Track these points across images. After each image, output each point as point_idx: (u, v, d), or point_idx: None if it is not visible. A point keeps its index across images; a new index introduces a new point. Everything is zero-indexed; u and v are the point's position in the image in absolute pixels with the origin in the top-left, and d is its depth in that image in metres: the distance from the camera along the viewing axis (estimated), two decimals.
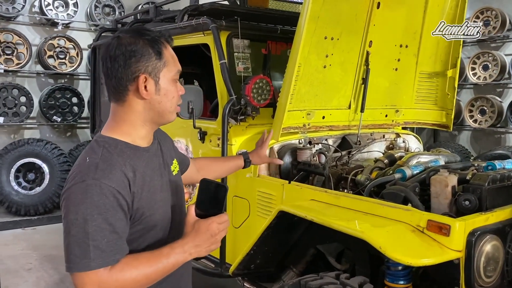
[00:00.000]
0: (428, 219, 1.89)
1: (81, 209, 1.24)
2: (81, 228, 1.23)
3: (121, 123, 1.40)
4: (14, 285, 4.15)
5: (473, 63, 7.11)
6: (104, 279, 1.24)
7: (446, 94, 3.30)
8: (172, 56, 1.41)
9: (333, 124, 3.00)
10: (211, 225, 1.32)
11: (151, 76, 1.36)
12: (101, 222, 1.24)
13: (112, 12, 6.95)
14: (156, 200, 1.40)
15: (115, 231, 1.26)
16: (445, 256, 1.79)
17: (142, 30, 1.40)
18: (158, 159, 1.47)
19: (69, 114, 6.59)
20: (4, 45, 6.09)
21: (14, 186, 6.01)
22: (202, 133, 3.07)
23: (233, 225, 2.91)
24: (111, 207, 1.26)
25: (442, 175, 2.16)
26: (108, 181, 1.26)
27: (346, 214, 2.16)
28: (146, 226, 1.37)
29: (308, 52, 2.63)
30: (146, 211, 1.35)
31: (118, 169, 1.30)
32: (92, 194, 1.24)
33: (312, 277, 2.04)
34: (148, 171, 1.39)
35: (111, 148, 1.34)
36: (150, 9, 3.81)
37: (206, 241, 1.33)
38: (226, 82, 2.84)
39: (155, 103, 1.38)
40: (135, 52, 1.34)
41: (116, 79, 1.36)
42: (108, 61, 1.36)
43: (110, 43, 1.37)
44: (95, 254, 1.22)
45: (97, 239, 1.23)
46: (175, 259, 1.30)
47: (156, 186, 1.41)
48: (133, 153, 1.37)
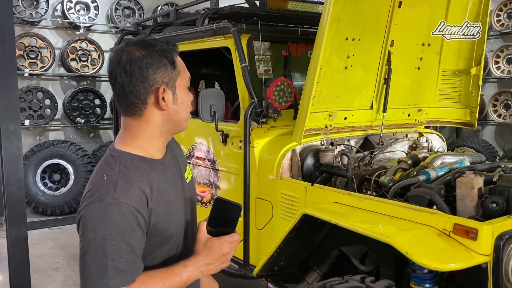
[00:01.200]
0: (454, 223, 1.88)
1: (100, 229, 1.23)
2: (100, 248, 1.23)
3: (137, 137, 1.37)
4: (44, 285, 4.27)
5: (496, 57, 6.95)
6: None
7: (470, 92, 3.25)
8: (182, 64, 1.40)
9: (355, 125, 2.99)
10: (223, 245, 1.34)
11: (168, 87, 1.34)
12: (120, 242, 1.24)
13: (132, 14, 7.03)
14: (172, 213, 1.40)
15: (133, 251, 1.27)
16: (472, 261, 1.78)
17: (149, 41, 1.37)
18: (172, 169, 1.46)
19: (92, 115, 6.71)
20: (28, 49, 6.23)
21: (40, 186, 6.17)
22: (224, 135, 3.09)
23: (256, 226, 2.94)
24: (130, 227, 1.26)
25: (468, 177, 2.14)
26: (127, 200, 1.26)
27: (371, 217, 2.15)
28: (162, 239, 1.38)
29: (330, 54, 2.62)
30: (162, 226, 1.36)
31: (136, 186, 1.29)
32: (112, 213, 1.24)
33: (337, 280, 2.04)
34: (164, 185, 1.39)
35: (127, 163, 1.32)
36: (171, 12, 3.85)
37: (218, 259, 1.34)
38: (248, 85, 2.86)
39: (173, 113, 1.37)
40: (151, 64, 1.32)
41: (133, 94, 1.33)
42: (123, 76, 1.32)
43: (121, 58, 1.33)
44: (113, 274, 1.23)
45: (116, 259, 1.23)
46: (187, 277, 1.32)
47: (171, 199, 1.41)
48: (150, 167, 1.36)
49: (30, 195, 6.08)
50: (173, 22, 3.80)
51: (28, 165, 6.09)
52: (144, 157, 1.37)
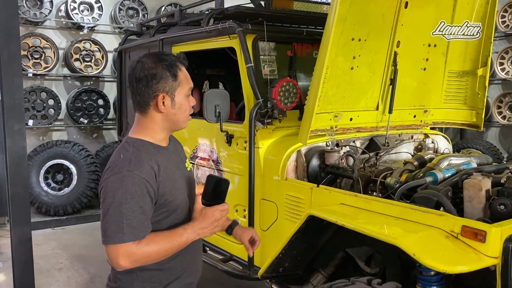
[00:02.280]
0: (462, 225, 1.86)
1: (118, 194, 1.54)
2: (117, 209, 1.53)
3: (145, 128, 1.71)
4: (47, 285, 4.26)
5: (501, 58, 6.92)
6: (133, 250, 1.54)
7: (476, 93, 3.23)
8: (185, 76, 1.71)
9: (361, 126, 2.97)
10: (215, 212, 1.68)
11: (168, 94, 1.66)
12: (134, 205, 1.54)
13: (135, 14, 7.03)
14: (177, 188, 1.71)
15: (144, 213, 1.57)
16: (481, 263, 1.76)
17: (161, 56, 1.69)
18: (175, 156, 1.79)
19: (95, 116, 6.71)
20: (32, 49, 6.23)
21: (43, 187, 6.16)
22: (228, 136, 3.08)
23: (261, 228, 2.92)
24: (141, 193, 1.56)
25: (476, 179, 2.12)
26: (139, 172, 1.57)
27: (377, 219, 2.14)
28: (170, 209, 1.68)
29: (335, 54, 2.61)
30: (169, 197, 1.66)
31: (146, 163, 1.60)
32: (127, 182, 1.55)
33: (343, 282, 2.03)
34: (169, 165, 1.70)
35: (139, 146, 1.65)
36: (175, 13, 3.84)
37: (211, 224, 1.68)
38: (253, 86, 2.85)
39: (171, 115, 1.69)
40: (156, 76, 1.64)
41: (140, 96, 1.66)
42: (134, 82, 1.66)
43: (136, 66, 1.67)
44: (128, 230, 1.53)
45: (130, 218, 1.53)
46: (186, 237, 1.64)
47: (176, 177, 1.72)
48: (157, 150, 1.68)
49: (33, 195, 6.07)
50: (177, 22, 3.79)
51: (32, 165, 6.08)
52: (152, 143, 1.70)
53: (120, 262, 1.53)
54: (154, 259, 1.61)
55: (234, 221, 2.09)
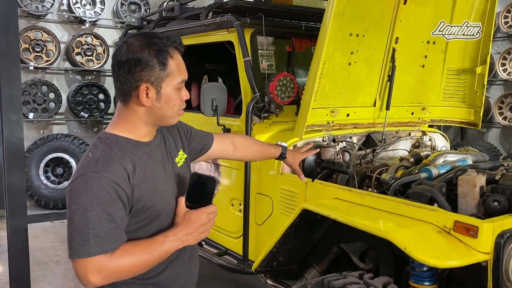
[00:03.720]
0: (455, 220, 1.86)
1: (82, 200, 1.32)
2: (82, 217, 1.31)
3: (125, 121, 1.48)
4: (43, 277, 4.28)
5: (503, 59, 6.90)
6: (104, 264, 1.32)
7: (475, 92, 3.22)
8: (178, 65, 1.45)
9: (358, 122, 2.97)
10: (201, 215, 1.44)
11: (153, 86, 1.41)
12: (100, 211, 1.32)
13: (138, 9, 7.03)
14: (159, 190, 1.47)
15: (113, 221, 1.34)
16: (472, 258, 1.76)
17: (151, 38, 1.43)
18: (160, 152, 1.54)
19: (96, 110, 6.71)
20: (34, 42, 6.24)
21: (43, 180, 6.19)
22: (225, 130, 3.08)
23: (256, 222, 2.92)
24: (110, 198, 1.34)
25: (470, 175, 2.12)
26: (107, 174, 1.34)
27: (371, 214, 2.14)
28: (150, 215, 1.45)
29: (333, 49, 2.61)
30: (147, 202, 1.43)
31: (117, 163, 1.38)
32: (92, 186, 1.32)
33: (335, 276, 2.03)
34: (149, 164, 1.47)
35: (112, 143, 1.42)
36: (175, 7, 3.84)
37: (197, 230, 1.45)
38: (250, 80, 2.85)
39: (156, 110, 1.45)
40: (140, 61, 1.38)
41: (121, 84, 1.42)
42: (115, 65, 1.42)
43: (120, 47, 1.43)
44: (94, 241, 1.31)
45: (97, 228, 1.31)
46: (168, 246, 1.41)
47: (158, 177, 1.49)
48: (134, 147, 1.45)
49: (32, 188, 6.10)
50: (177, 16, 3.79)
51: (32, 159, 6.11)
52: (130, 138, 1.47)
53: (90, 279, 1.31)
54: (131, 273, 1.39)
55: (284, 147, 1.99)
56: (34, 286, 3.65)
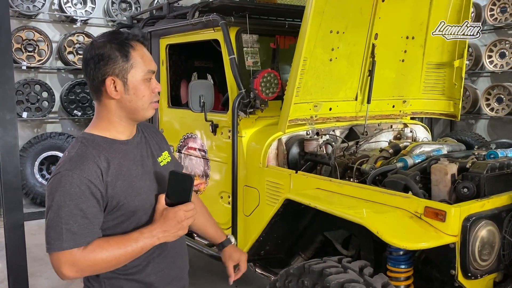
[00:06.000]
0: (425, 206, 1.98)
1: (56, 196, 1.39)
2: (56, 213, 1.38)
3: (101, 120, 1.53)
4: (40, 272, 4.39)
5: (489, 51, 7.01)
6: (77, 258, 1.38)
7: (454, 84, 3.34)
8: (142, 57, 1.50)
9: (340, 116, 3.08)
10: (178, 213, 1.47)
11: (119, 78, 1.47)
12: (73, 208, 1.38)
13: (128, 7, 7.10)
14: (134, 187, 1.51)
15: (86, 217, 1.40)
16: (440, 241, 1.88)
17: (114, 34, 1.51)
18: (139, 151, 1.59)
19: (89, 108, 6.79)
20: (26, 42, 6.30)
21: (38, 178, 6.28)
22: (213, 125, 3.19)
23: (244, 213, 3.04)
24: (82, 195, 1.39)
25: (442, 164, 2.24)
26: (79, 171, 1.40)
27: (349, 202, 2.26)
28: (126, 212, 1.49)
29: (314, 46, 2.71)
30: (122, 199, 1.47)
31: (91, 161, 1.43)
32: (65, 183, 1.39)
33: (315, 261, 2.15)
34: (125, 162, 1.51)
35: (88, 142, 1.48)
36: (164, 6, 3.93)
37: (174, 227, 1.47)
38: (236, 76, 2.95)
39: (126, 102, 1.50)
40: (103, 56, 1.45)
41: (90, 81, 1.49)
42: (84, 64, 1.50)
43: (86, 47, 1.51)
44: (67, 236, 1.37)
45: (69, 223, 1.38)
46: (143, 242, 1.44)
47: (135, 175, 1.52)
48: (109, 146, 1.50)
49: (28, 186, 6.19)
50: (166, 15, 3.88)
51: (26, 157, 6.19)
52: (106, 137, 1.52)
53: (64, 272, 1.38)
54: (104, 268, 1.43)
55: (227, 240, 1.89)
56: (32, 280, 3.75)
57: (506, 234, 2.06)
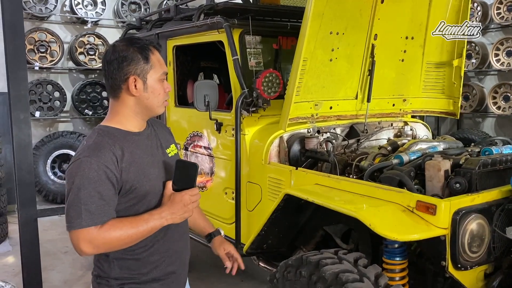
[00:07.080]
0: (417, 200, 2.07)
1: (76, 180, 1.53)
2: (76, 195, 1.53)
3: (116, 114, 1.69)
4: (53, 266, 4.54)
5: (496, 49, 7.03)
6: (94, 236, 1.52)
7: (453, 83, 3.41)
8: (158, 60, 1.68)
9: (341, 114, 3.17)
10: (184, 197, 1.63)
11: (140, 77, 1.64)
12: (91, 190, 1.53)
13: (138, 9, 7.25)
14: (145, 173, 1.66)
15: (102, 198, 1.54)
16: (430, 233, 1.97)
17: (133, 39, 1.68)
18: (150, 142, 1.74)
19: (100, 107, 6.96)
20: (38, 43, 6.48)
21: (50, 176, 6.46)
22: (218, 124, 3.29)
23: (247, 208, 3.14)
24: (99, 179, 1.54)
25: (436, 160, 2.33)
26: (97, 158, 1.55)
27: (346, 197, 2.35)
28: (137, 195, 1.64)
29: (314, 47, 2.80)
30: (135, 183, 1.62)
31: (107, 149, 1.58)
32: (84, 168, 1.53)
33: (313, 253, 2.25)
34: (137, 151, 1.66)
35: (104, 133, 1.63)
36: (171, 8, 4.05)
37: (180, 209, 1.63)
38: (239, 77, 3.06)
39: (144, 99, 1.66)
40: (126, 58, 1.62)
41: (112, 79, 1.65)
42: (105, 65, 1.65)
43: (108, 49, 1.67)
44: (85, 215, 1.51)
45: (88, 204, 1.52)
46: (153, 223, 1.60)
47: (146, 162, 1.68)
48: (123, 136, 1.65)
49: (41, 183, 6.37)
50: (173, 17, 4.00)
51: (39, 155, 6.37)
52: (120, 129, 1.68)
53: (82, 248, 1.52)
54: (117, 245, 1.58)
55: (217, 230, 2.02)
56: (45, 274, 3.90)
57: (496, 227, 2.14)
